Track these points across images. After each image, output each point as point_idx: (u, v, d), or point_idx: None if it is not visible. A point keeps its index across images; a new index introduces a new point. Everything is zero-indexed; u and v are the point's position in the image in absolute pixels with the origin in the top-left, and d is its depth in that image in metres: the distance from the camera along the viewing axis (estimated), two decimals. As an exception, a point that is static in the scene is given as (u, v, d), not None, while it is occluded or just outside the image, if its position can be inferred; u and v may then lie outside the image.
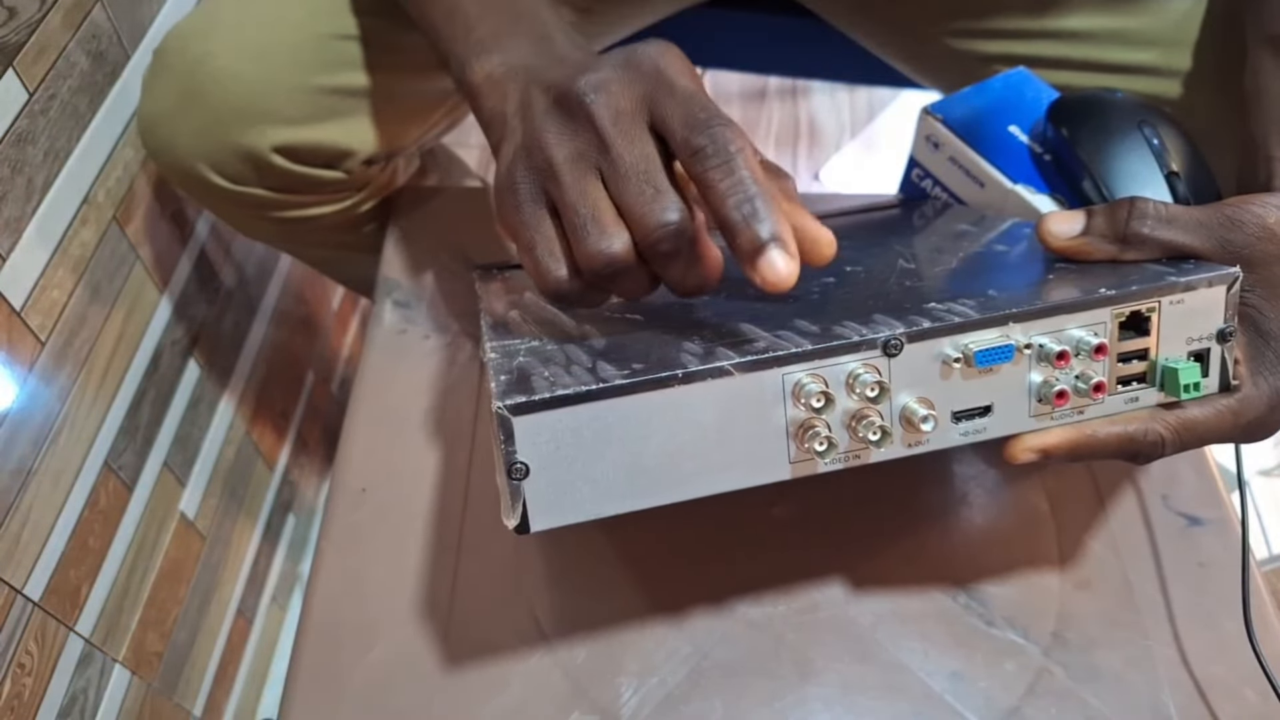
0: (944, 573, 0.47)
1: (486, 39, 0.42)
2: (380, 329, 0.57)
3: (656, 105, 0.34)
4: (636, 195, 0.33)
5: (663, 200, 0.33)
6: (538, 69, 0.39)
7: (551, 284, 0.35)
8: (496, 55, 0.41)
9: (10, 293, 0.53)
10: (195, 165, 0.56)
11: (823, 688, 0.43)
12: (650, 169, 0.34)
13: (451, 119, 0.65)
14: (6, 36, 0.51)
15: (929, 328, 0.33)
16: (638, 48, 0.35)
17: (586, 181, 0.34)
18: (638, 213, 0.33)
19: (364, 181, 0.62)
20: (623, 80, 0.34)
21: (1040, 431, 0.36)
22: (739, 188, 0.32)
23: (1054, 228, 0.38)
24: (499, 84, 0.40)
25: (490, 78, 0.40)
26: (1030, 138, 0.52)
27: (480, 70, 0.41)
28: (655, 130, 0.34)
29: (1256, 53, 0.45)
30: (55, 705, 0.57)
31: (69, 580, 0.59)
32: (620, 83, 0.34)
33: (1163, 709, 0.43)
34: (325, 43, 0.55)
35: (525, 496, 0.32)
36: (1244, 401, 0.36)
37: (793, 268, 0.32)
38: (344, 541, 0.47)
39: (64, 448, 0.58)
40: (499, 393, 0.32)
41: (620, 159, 0.34)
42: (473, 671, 0.43)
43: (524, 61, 0.40)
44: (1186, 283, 0.34)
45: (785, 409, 0.33)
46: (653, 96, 0.34)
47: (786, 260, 0.32)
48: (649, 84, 0.34)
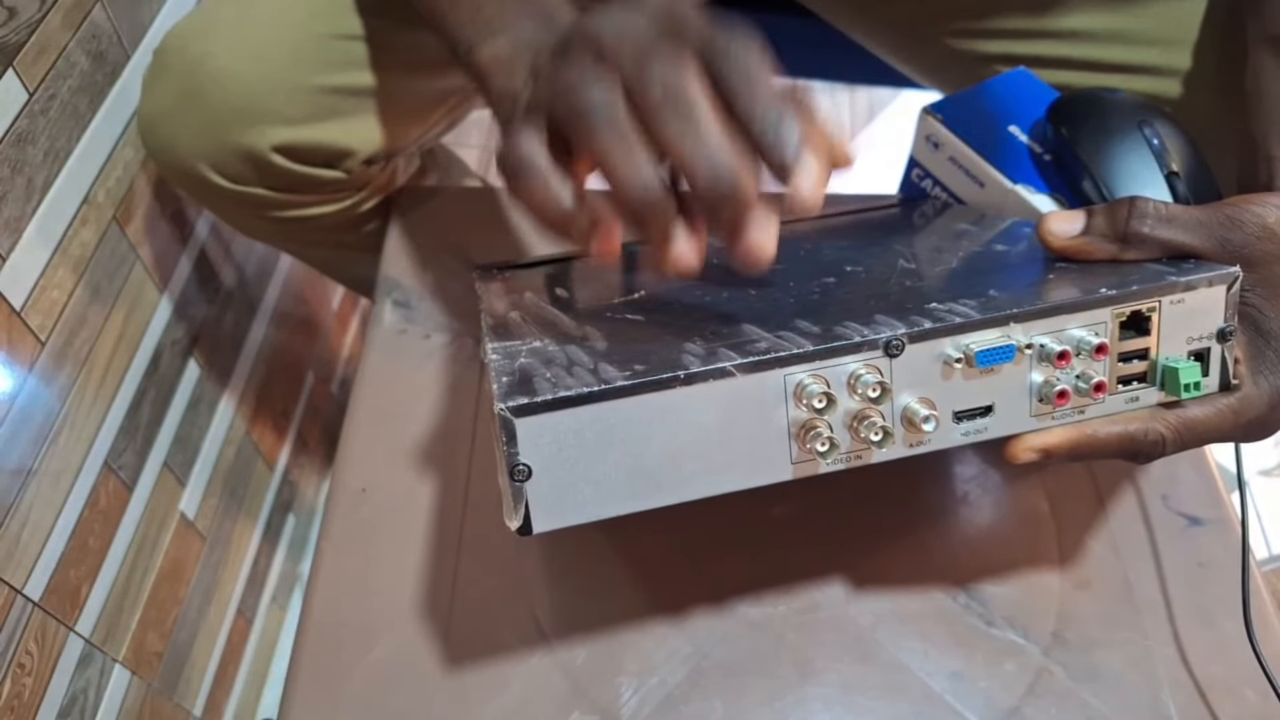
0: (944, 573, 0.47)
1: (493, 19, 0.41)
2: (380, 329, 0.57)
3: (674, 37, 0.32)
4: (671, 126, 0.31)
5: (708, 136, 0.31)
6: (545, 44, 0.37)
7: (636, 192, 0.32)
8: (503, 35, 0.40)
9: (10, 293, 0.53)
10: (195, 165, 0.56)
11: (823, 688, 0.43)
12: (680, 98, 0.31)
13: (452, 119, 0.65)
14: (6, 36, 0.51)
15: (930, 328, 0.33)
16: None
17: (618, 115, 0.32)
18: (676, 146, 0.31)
19: (364, 181, 0.62)
20: (632, 15, 0.33)
21: (1041, 431, 0.36)
22: (768, 110, 0.31)
23: (1054, 227, 0.38)
24: (506, 62, 0.39)
25: (497, 58, 0.40)
26: (1030, 138, 0.52)
27: (487, 50, 0.40)
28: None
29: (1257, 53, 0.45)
30: (55, 705, 0.57)
31: (69, 580, 0.59)
32: (632, 18, 0.33)
33: (1163, 709, 0.43)
34: (325, 42, 0.55)
35: (528, 498, 0.32)
36: (1244, 400, 0.36)
37: (820, 190, 0.32)
38: (344, 541, 0.47)
39: (64, 448, 0.58)
40: (501, 394, 0.32)
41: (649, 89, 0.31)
42: (473, 671, 0.43)
43: (530, 38, 0.39)
44: (1187, 282, 0.34)
45: (787, 410, 0.33)
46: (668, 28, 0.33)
47: (813, 179, 0.32)
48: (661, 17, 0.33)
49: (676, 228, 0.33)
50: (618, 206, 0.33)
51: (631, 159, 0.31)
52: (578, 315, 0.41)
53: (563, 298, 0.45)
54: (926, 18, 0.63)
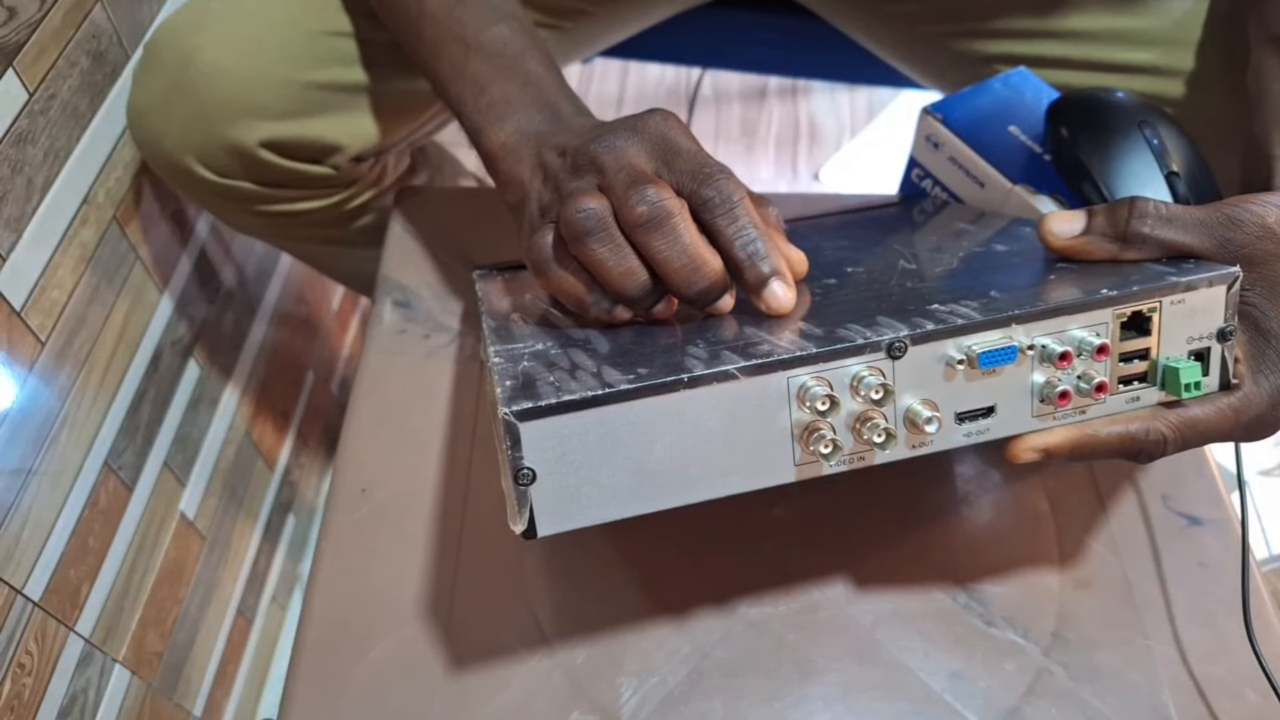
0: (944, 573, 0.47)
1: (498, 103, 0.45)
2: (380, 329, 0.57)
3: (666, 165, 0.38)
4: (654, 241, 0.37)
5: (704, 263, 0.37)
6: (547, 135, 0.43)
7: (612, 320, 0.39)
8: (510, 122, 0.45)
9: (10, 293, 0.53)
10: (182, 158, 0.56)
11: (823, 688, 0.43)
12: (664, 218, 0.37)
13: (442, 118, 0.65)
14: (7, 36, 0.51)
15: (933, 330, 0.33)
16: (642, 117, 0.40)
17: (611, 230, 0.37)
18: (666, 264, 0.37)
19: (352, 178, 0.62)
20: (633, 143, 0.38)
21: (1042, 431, 0.36)
22: (743, 232, 0.37)
23: (1054, 227, 0.38)
24: (514, 150, 0.44)
25: (505, 145, 0.44)
26: (1030, 138, 0.52)
27: (495, 137, 0.45)
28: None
29: (1259, 53, 0.46)
30: (55, 705, 0.57)
31: (69, 580, 0.59)
32: (633, 145, 0.38)
33: (1163, 709, 0.43)
34: (314, 38, 0.55)
35: (532, 502, 0.32)
36: (1245, 400, 0.36)
37: (791, 295, 0.37)
38: (344, 541, 0.47)
39: (64, 447, 0.58)
40: (505, 399, 0.32)
41: (638, 210, 0.37)
42: (473, 671, 0.43)
43: (535, 128, 0.44)
44: (1187, 283, 0.34)
45: (790, 412, 0.33)
46: (661, 157, 0.38)
47: (785, 289, 0.37)
48: (657, 146, 0.39)
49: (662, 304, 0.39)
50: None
51: (621, 264, 0.37)
52: (579, 318, 0.41)
53: None
54: (927, 18, 0.63)
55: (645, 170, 0.38)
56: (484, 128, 0.45)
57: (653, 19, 0.71)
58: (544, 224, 0.39)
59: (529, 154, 0.43)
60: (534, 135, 0.44)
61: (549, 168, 0.41)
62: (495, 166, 0.45)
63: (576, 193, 0.38)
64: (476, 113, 0.46)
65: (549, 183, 0.41)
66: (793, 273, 0.38)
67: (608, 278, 0.37)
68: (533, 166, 0.42)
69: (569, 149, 0.40)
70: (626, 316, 0.39)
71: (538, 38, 0.48)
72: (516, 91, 0.45)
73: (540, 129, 0.44)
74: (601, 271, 0.37)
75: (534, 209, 0.41)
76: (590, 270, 0.38)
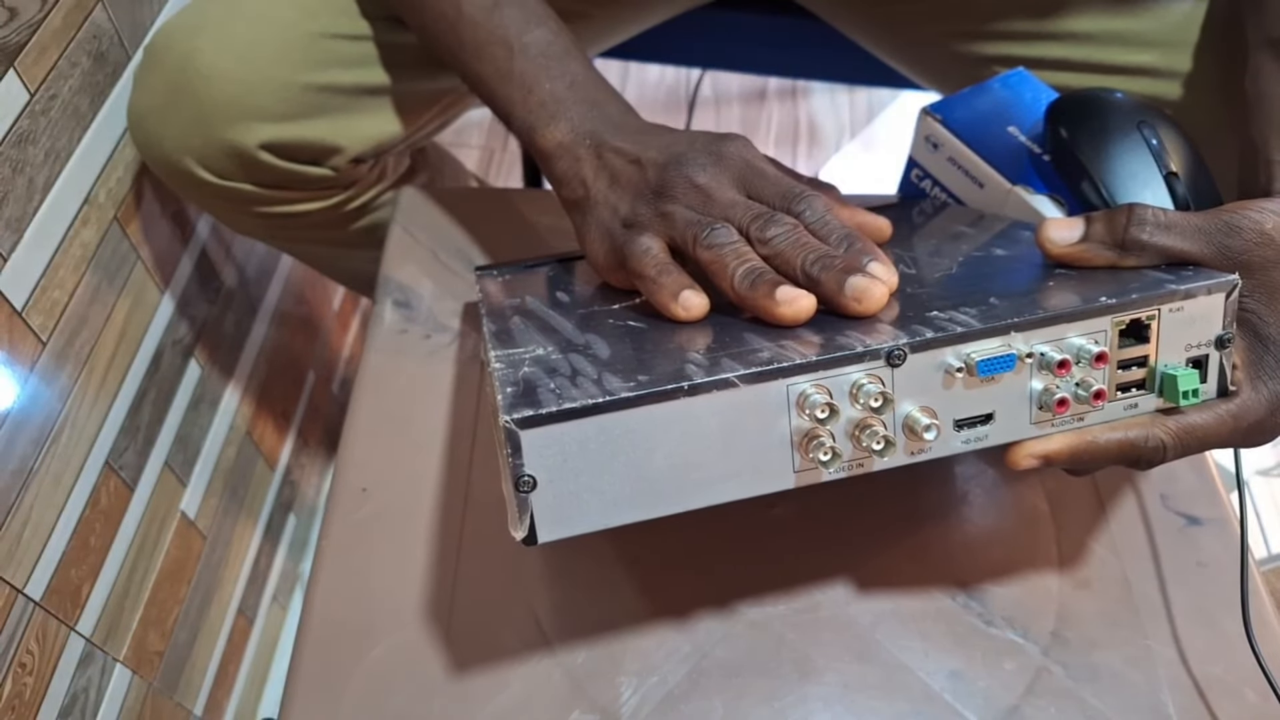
0: (944, 572, 0.47)
1: (548, 102, 0.47)
2: (380, 329, 0.57)
3: (752, 189, 0.41)
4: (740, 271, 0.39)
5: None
6: (601, 134, 0.45)
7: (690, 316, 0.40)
8: (563, 121, 0.46)
9: (11, 293, 0.53)
10: (182, 160, 0.56)
11: (823, 687, 0.43)
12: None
13: (443, 120, 0.65)
14: (7, 37, 0.51)
15: (932, 338, 0.33)
16: (722, 142, 0.42)
17: (749, 256, 0.39)
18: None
19: (352, 179, 0.62)
20: (719, 168, 0.41)
21: (1041, 438, 0.36)
22: (845, 240, 0.39)
23: (1053, 234, 0.38)
24: (570, 149, 0.45)
25: (561, 144, 0.46)
26: (1029, 138, 0.52)
27: (551, 136, 0.46)
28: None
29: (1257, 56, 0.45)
30: (56, 704, 0.57)
31: (70, 580, 0.59)
32: (719, 170, 0.41)
33: (1162, 709, 0.43)
34: (314, 40, 0.55)
35: (533, 509, 0.32)
36: (1244, 406, 0.36)
37: (893, 279, 0.37)
38: (344, 541, 0.48)
39: (65, 447, 0.58)
40: (506, 406, 0.32)
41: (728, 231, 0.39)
42: (473, 671, 0.43)
43: (589, 127, 0.46)
44: (1186, 290, 0.34)
45: (790, 419, 0.33)
46: (748, 181, 0.41)
47: (887, 272, 0.37)
48: (742, 171, 0.41)
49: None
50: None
51: (741, 265, 0.39)
52: (580, 321, 0.41)
53: (564, 301, 0.45)
54: (927, 19, 0.63)
55: (739, 199, 0.40)
56: (537, 126, 0.46)
57: (652, 20, 0.71)
58: (633, 234, 0.41)
59: (587, 154, 0.45)
60: (589, 134, 0.45)
61: (618, 173, 0.43)
62: (552, 165, 0.46)
63: (685, 211, 0.40)
64: (528, 112, 0.47)
65: (625, 190, 0.43)
66: (890, 285, 0.39)
67: (724, 279, 0.39)
68: (594, 168, 0.44)
69: (644, 161, 0.42)
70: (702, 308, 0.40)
71: (575, 39, 0.49)
72: (564, 90, 0.47)
73: (594, 128, 0.45)
74: (720, 274, 0.39)
75: (605, 214, 0.43)
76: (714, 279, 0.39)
